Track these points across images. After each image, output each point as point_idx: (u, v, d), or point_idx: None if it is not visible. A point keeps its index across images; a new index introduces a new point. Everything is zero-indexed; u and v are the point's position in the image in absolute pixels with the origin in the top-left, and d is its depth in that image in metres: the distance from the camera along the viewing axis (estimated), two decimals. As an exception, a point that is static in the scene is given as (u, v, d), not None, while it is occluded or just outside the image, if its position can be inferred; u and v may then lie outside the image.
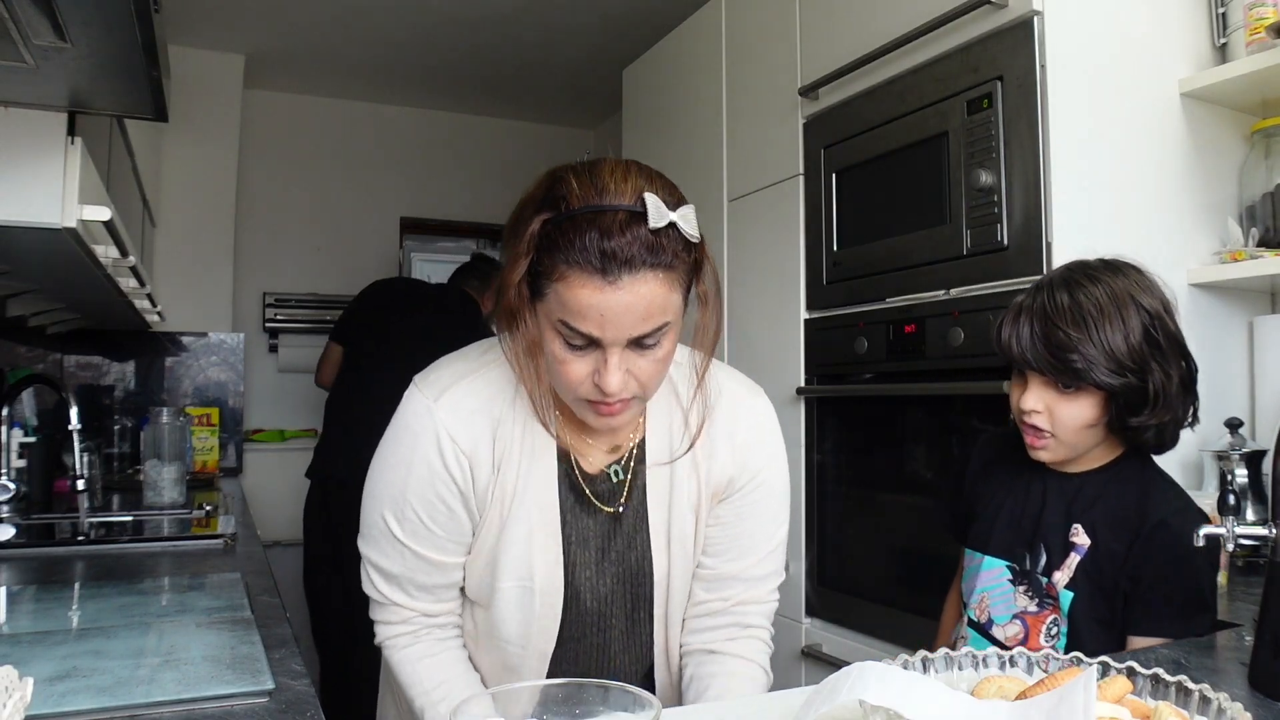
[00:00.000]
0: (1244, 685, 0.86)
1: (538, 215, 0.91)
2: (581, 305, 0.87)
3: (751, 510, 1.11)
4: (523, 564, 1.03)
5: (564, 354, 0.92)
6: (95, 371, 3.39)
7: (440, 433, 1.00)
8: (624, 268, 0.86)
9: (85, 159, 1.29)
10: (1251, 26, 1.60)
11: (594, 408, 0.95)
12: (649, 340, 0.91)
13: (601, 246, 0.86)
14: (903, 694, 0.61)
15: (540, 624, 1.05)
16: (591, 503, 1.06)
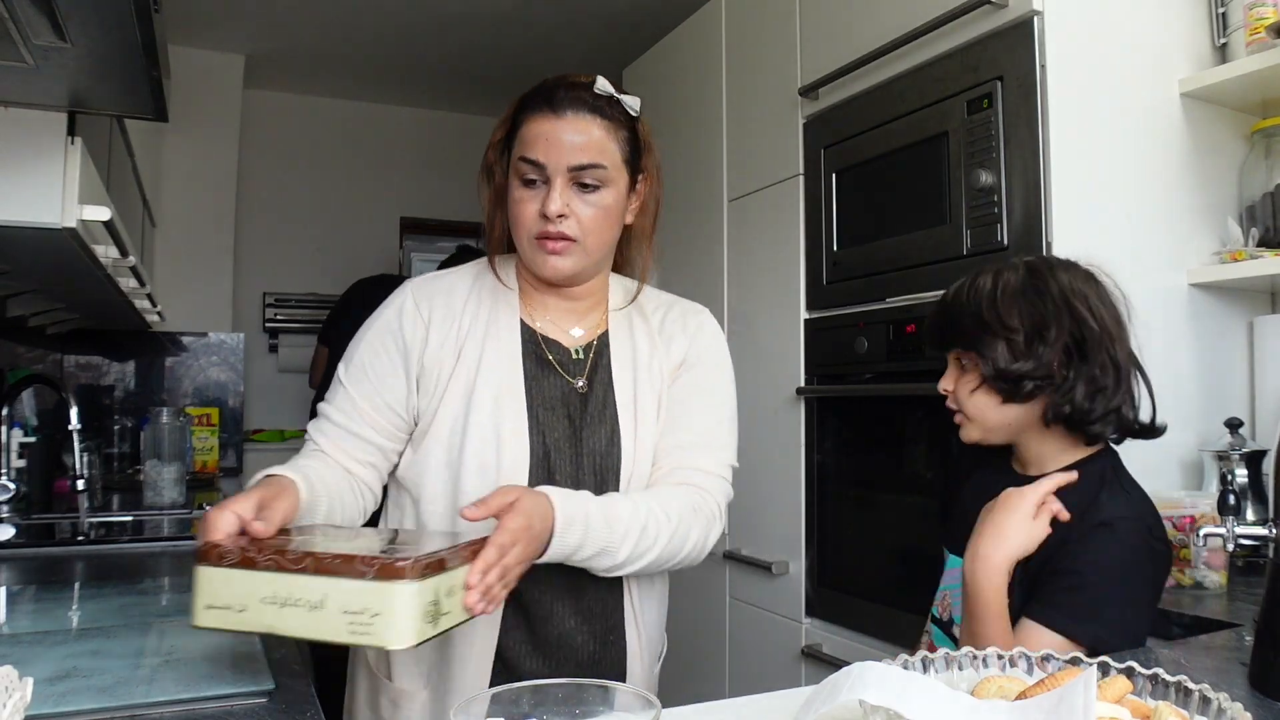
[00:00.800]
0: (1244, 685, 0.86)
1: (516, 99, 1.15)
2: (533, 135, 1.08)
3: (696, 387, 1.20)
4: (489, 425, 1.10)
5: (520, 193, 1.10)
6: (95, 371, 3.39)
7: (405, 297, 1.16)
8: (568, 104, 1.09)
9: (85, 159, 1.29)
10: (1251, 26, 1.61)
11: (541, 245, 1.10)
12: (587, 179, 1.09)
13: (553, 93, 1.10)
14: (903, 694, 0.61)
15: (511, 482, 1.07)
16: (555, 368, 1.16)
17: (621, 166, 1.12)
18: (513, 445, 1.10)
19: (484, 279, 1.20)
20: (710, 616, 2.36)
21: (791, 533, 2.07)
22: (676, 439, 1.18)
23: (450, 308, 1.16)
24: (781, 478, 2.11)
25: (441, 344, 1.13)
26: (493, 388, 1.12)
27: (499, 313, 1.17)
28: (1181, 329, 1.64)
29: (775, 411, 2.15)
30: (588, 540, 1.01)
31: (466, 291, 1.18)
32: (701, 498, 1.14)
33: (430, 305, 1.15)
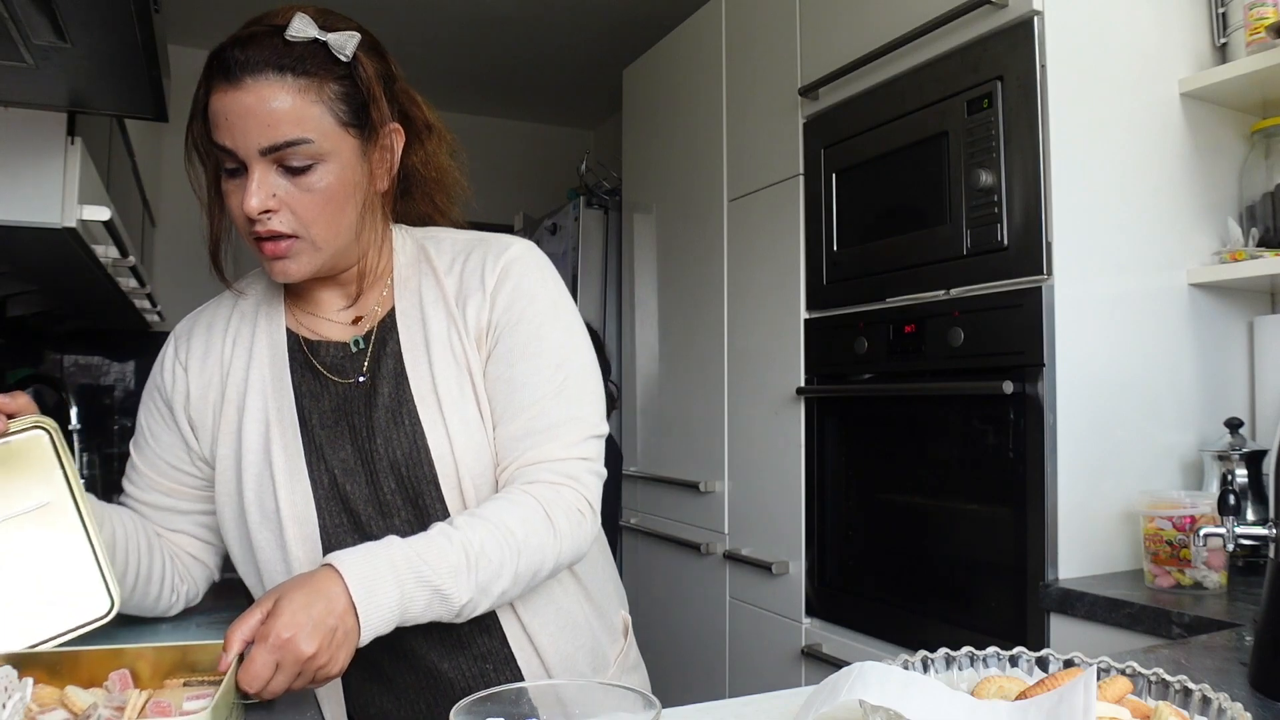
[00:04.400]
0: (1244, 685, 0.86)
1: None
2: (216, 112, 0.86)
3: (521, 353, 0.96)
4: (263, 464, 0.94)
5: (226, 186, 0.90)
6: (95, 371, 3.39)
7: (167, 347, 1.05)
8: (246, 69, 0.85)
9: (85, 159, 1.29)
10: (1251, 26, 1.61)
11: (259, 248, 0.90)
12: (293, 162, 0.87)
13: (230, 54, 0.86)
14: (903, 694, 0.61)
15: (300, 529, 0.93)
16: (327, 374, 0.98)
17: (339, 131, 0.89)
18: (289, 483, 0.93)
19: (246, 295, 1.03)
20: (710, 616, 2.37)
21: (791, 533, 2.07)
22: (508, 430, 0.95)
23: (210, 343, 1.01)
24: (781, 478, 2.11)
25: (205, 386, 1.00)
26: (261, 419, 0.95)
27: (261, 329, 1.00)
28: (1181, 329, 1.64)
29: (775, 411, 2.15)
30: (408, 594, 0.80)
31: (227, 316, 1.03)
32: (554, 494, 0.92)
33: (188, 348, 1.02)
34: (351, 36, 0.90)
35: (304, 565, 0.93)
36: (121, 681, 0.74)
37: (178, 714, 0.71)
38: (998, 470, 1.58)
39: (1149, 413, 1.59)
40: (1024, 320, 1.52)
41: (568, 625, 1.02)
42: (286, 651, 0.74)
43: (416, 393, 0.95)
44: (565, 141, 4.50)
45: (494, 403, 0.96)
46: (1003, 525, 1.56)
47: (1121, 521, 1.52)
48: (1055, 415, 1.48)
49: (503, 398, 0.95)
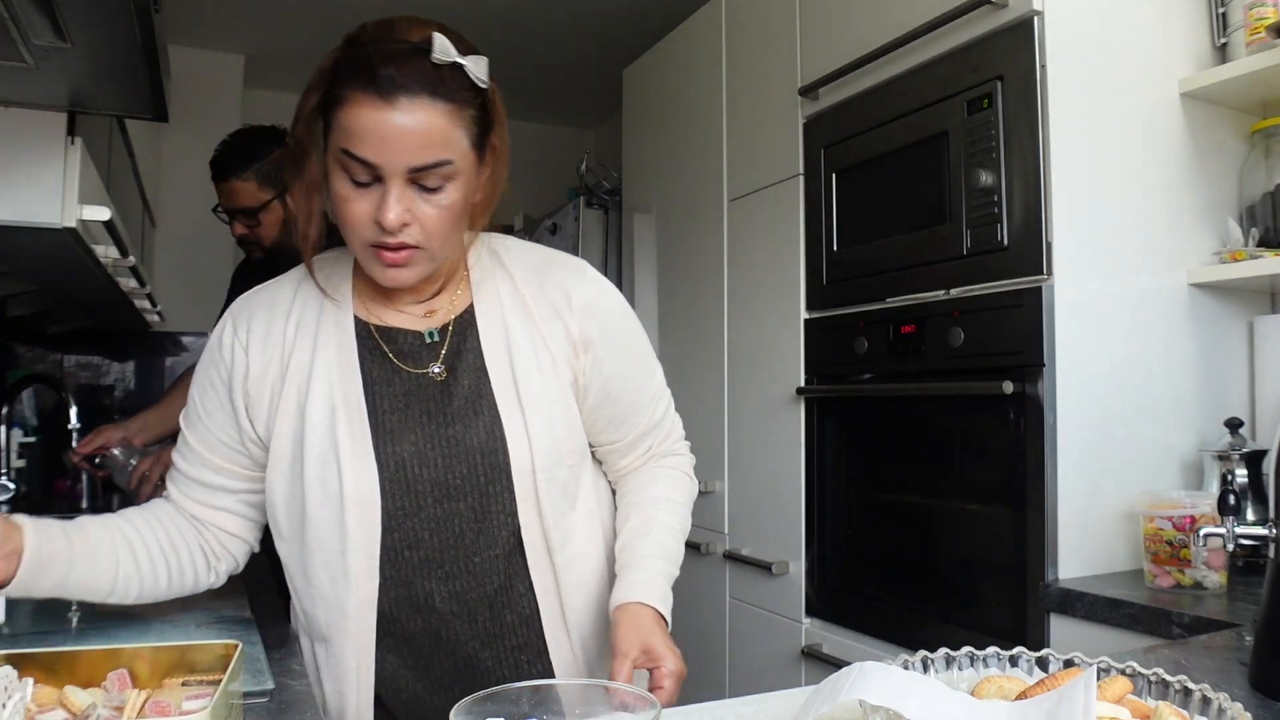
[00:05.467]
0: (1244, 685, 0.86)
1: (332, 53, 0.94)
2: (361, 126, 0.88)
3: (618, 366, 1.07)
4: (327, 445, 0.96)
5: (347, 190, 0.91)
6: (95, 371, 3.39)
7: (225, 325, 1.05)
8: (401, 90, 0.88)
9: (85, 159, 1.29)
10: (1251, 26, 1.60)
11: (378, 255, 0.93)
12: (430, 182, 0.91)
13: (382, 69, 0.88)
14: (903, 694, 0.61)
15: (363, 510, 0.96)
16: (400, 363, 1.01)
17: (471, 152, 0.94)
18: (355, 465, 0.96)
19: (309, 280, 1.05)
20: (710, 616, 2.37)
21: (791, 533, 2.07)
22: (637, 426, 1.10)
23: (271, 323, 1.02)
24: (781, 478, 2.11)
25: (265, 366, 1.01)
26: (326, 402, 0.98)
27: (328, 314, 1.02)
28: (1181, 329, 1.64)
29: (775, 411, 2.15)
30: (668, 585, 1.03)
31: (290, 299, 1.04)
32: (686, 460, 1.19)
33: (249, 326, 1.03)
34: (482, 61, 0.95)
35: (360, 545, 0.96)
36: (120, 681, 0.73)
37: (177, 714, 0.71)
38: (998, 470, 1.58)
39: (1149, 413, 1.59)
40: (1024, 320, 1.52)
41: (602, 620, 1.07)
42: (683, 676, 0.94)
43: (496, 387, 1.00)
44: (565, 141, 4.50)
45: (619, 403, 1.08)
46: (1003, 525, 1.55)
47: (1121, 521, 1.52)
48: (1055, 415, 1.48)
49: (628, 398, 1.09)
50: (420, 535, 0.98)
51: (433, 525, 0.98)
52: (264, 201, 2.11)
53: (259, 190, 2.11)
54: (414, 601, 0.99)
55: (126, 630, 1.09)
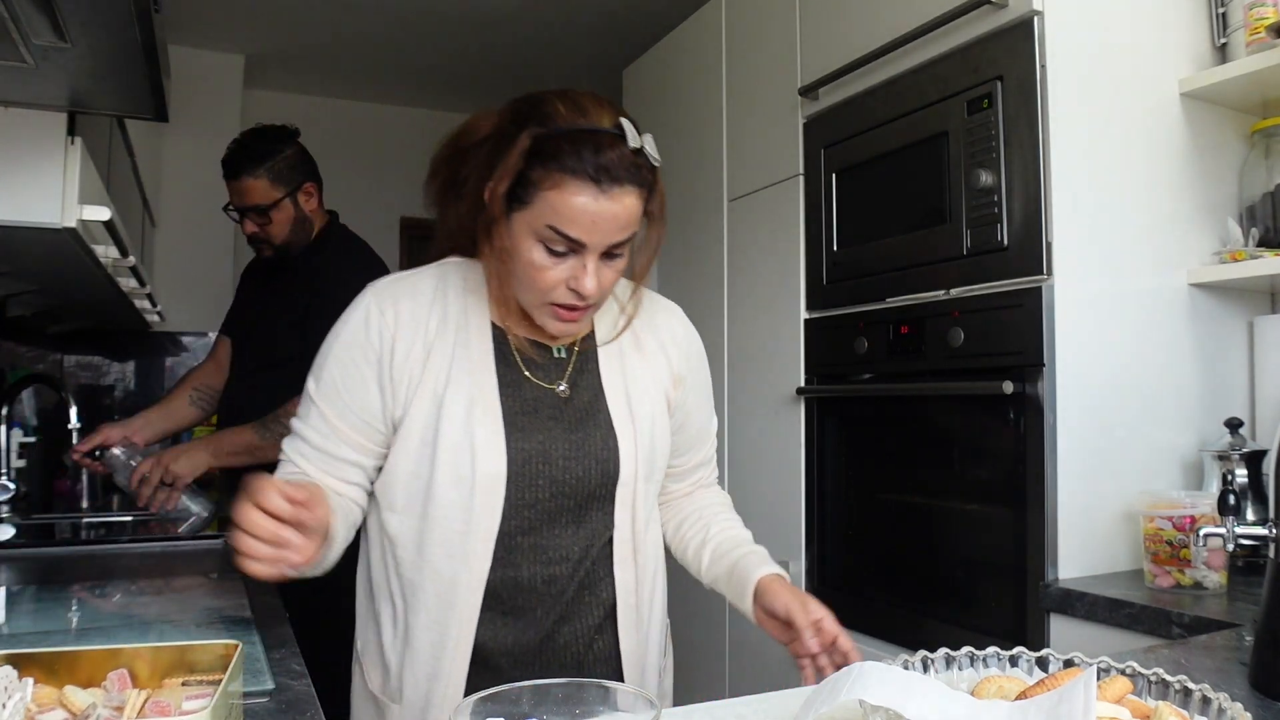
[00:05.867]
0: (1244, 685, 0.86)
1: (523, 131, 0.99)
2: (575, 212, 0.97)
3: (696, 402, 1.23)
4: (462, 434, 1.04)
5: (544, 260, 1.00)
6: (95, 371, 3.39)
7: (370, 305, 1.08)
8: (614, 181, 0.97)
9: (85, 159, 1.29)
10: (1251, 26, 1.60)
11: (557, 312, 1.04)
12: (618, 250, 1.02)
13: (597, 161, 0.96)
14: (903, 694, 0.61)
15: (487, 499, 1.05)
16: (532, 373, 1.10)
17: (643, 219, 1.05)
18: (487, 455, 1.04)
19: (449, 279, 1.12)
20: (710, 616, 2.36)
21: (791, 533, 2.07)
22: (700, 454, 1.27)
23: (415, 312, 1.08)
24: (781, 478, 2.11)
25: (409, 350, 1.07)
26: (465, 395, 1.06)
27: (468, 315, 1.10)
28: (1181, 329, 1.64)
29: (775, 411, 2.15)
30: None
31: (431, 293, 1.10)
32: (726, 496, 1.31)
33: (396, 310, 1.08)
34: (649, 137, 1.02)
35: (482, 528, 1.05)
36: (120, 681, 0.73)
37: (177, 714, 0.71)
38: (998, 470, 1.57)
39: (1149, 413, 1.59)
40: (1024, 320, 1.52)
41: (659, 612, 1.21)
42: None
43: (612, 404, 1.13)
44: (565, 141, 4.50)
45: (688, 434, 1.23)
46: (1003, 525, 1.55)
47: (1121, 521, 1.52)
48: (1055, 415, 1.48)
49: (695, 430, 1.24)
50: (533, 524, 1.08)
51: (544, 517, 1.08)
52: (275, 200, 2.12)
53: (270, 188, 2.13)
54: (516, 582, 1.08)
55: (126, 630, 1.09)
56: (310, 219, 2.18)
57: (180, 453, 1.98)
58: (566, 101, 1.01)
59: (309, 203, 2.17)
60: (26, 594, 1.35)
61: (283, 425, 1.95)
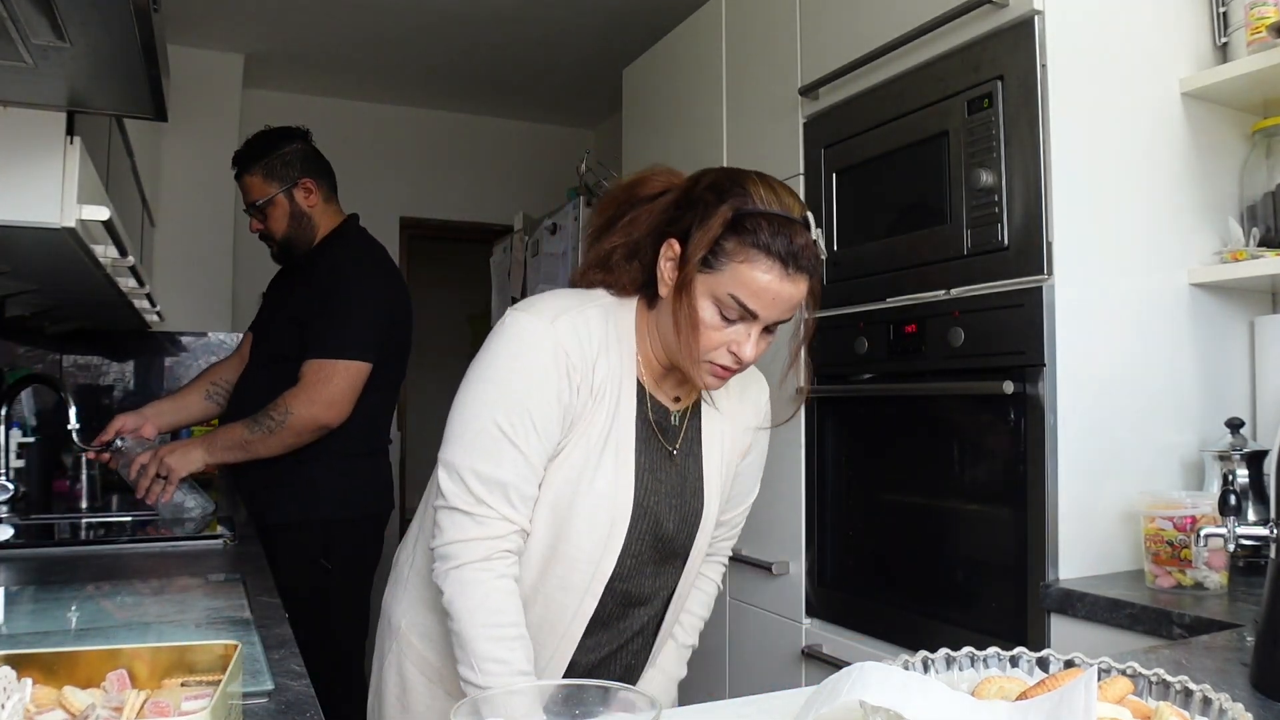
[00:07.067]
0: (1245, 686, 0.86)
1: (723, 203, 1.07)
2: (760, 288, 1.06)
3: (750, 471, 1.32)
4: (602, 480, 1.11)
5: (714, 321, 1.09)
6: (94, 371, 3.39)
7: (558, 346, 1.09)
8: (799, 268, 1.08)
9: (84, 159, 1.29)
10: (1252, 26, 1.60)
11: (713, 369, 1.12)
12: (777, 325, 1.12)
13: (791, 247, 1.06)
14: (903, 694, 0.61)
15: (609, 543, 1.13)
16: (658, 438, 1.18)
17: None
18: (622, 504, 1.13)
19: (610, 322, 1.16)
20: (710, 617, 2.36)
21: (791, 533, 2.07)
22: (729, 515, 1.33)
23: (585, 352, 1.12)
24: (781, 478, 2.11)
25: (581, 389, 1.11)
26: (614, 445, 1.13)
27: (624, 367, 1.15)
28: (1182, 329, 1.64)
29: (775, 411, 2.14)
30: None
31: (601, 336, 1.14)
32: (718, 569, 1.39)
33: (580, 351, 1.11)
34: (820, 235, 1.12)
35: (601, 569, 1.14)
36: (119, 682, 0.73)
37: (176, 714, 0.70)
38: (998, 470, 1.57)
39: (1149, 413, 1.59)
40: (1024, 320, 1.52)
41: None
42: None
43: (706, 469, 1.22)
44: (565, 141, 4.50)
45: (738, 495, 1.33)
46: (1003, 525, 1.55)
47: (1122, 522, 1.52)
48: (1055, 415, 1.48)
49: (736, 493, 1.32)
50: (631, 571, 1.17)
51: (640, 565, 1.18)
52: (269, 195, 2.15)
53: (264, 184, 2.16)
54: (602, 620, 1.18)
55: (126, 631, 1.08)
56: (310, 215, 2.19)
57: (176, 448, 1.99)
58: (765, 186, 1.09)
59: (308, 199, 2.18)
60: (25, 594, 1.35)
61: (272, 420, 1.98)
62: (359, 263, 2.13)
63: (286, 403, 1.97)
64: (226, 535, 1.78)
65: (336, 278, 2.08)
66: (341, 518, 2.12)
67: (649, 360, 1.18)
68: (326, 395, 1.97)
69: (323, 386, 1.97)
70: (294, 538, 2.07)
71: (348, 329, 2.02)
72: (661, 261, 1.11)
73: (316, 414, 1.97)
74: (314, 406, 1.97)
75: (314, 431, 1.99)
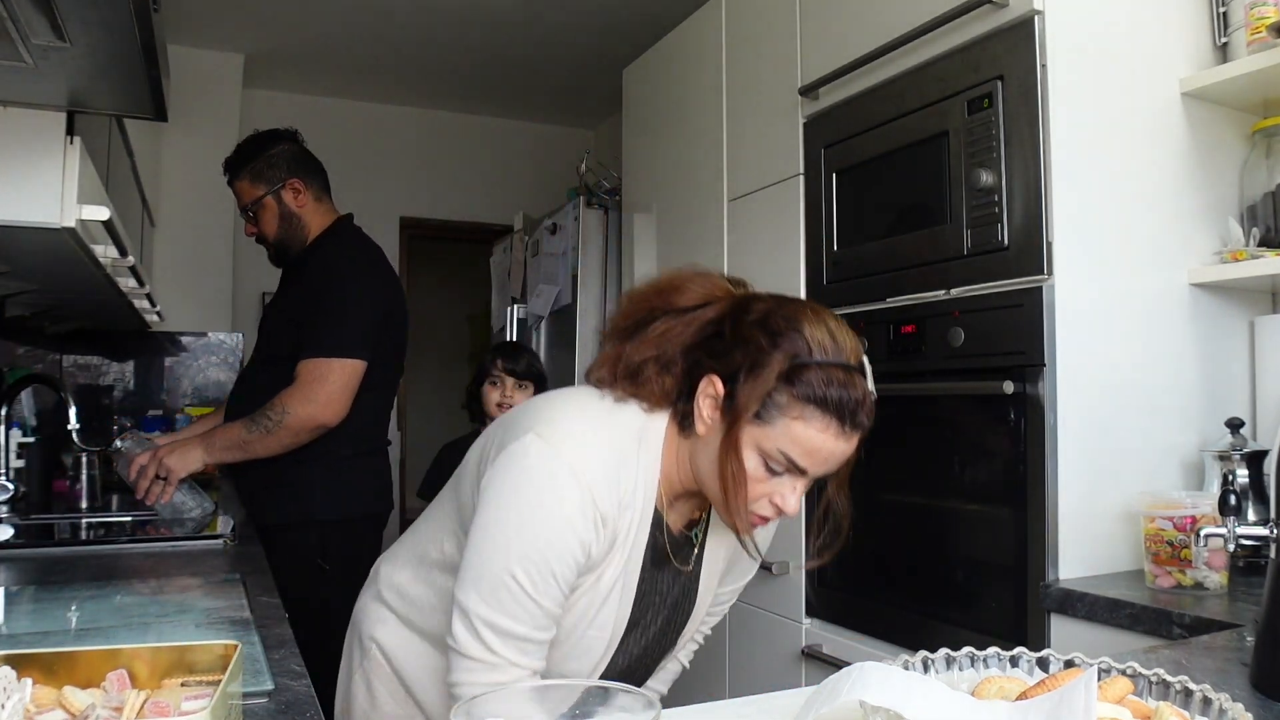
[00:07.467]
0: (1245, 686, 0.86)
1: (776, 349, 0.99)
2: (813, 446, 0.99)
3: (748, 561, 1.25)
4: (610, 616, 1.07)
5: (759, 473, 1.01)
6: (94, 371, 3.39)
7: (588, 497, 1.00)
8: (856, 426, 1.01)
9: (84, 159, 1.29)
10: (1252, 26, 1.60)
11: (751, 518, 1.04)
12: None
13: (849, 403, 0.99)
14: (903, 694, 0.61)
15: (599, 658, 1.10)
16: (670, 561, 1.13)
17: None
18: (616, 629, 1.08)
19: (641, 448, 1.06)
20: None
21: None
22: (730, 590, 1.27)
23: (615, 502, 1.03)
24: (781, 478, 2.11)
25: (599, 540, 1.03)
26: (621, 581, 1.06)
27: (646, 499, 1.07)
28: (1182, 329, 1.64)
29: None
30: None
31: (632, 479, 1.04)
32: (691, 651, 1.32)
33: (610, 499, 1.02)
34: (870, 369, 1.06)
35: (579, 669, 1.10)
36: (119, 682, 0.73)
37: (176, 714, 0.70)
38: (998, 470, 1.57)
39: (1149, 413, 1.59)
40: (1024, 320, 1.52)
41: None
42: None
43: (703, 582, 1.17)
44: (565, 141, 4.50)
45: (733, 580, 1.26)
46: (1003, 525, 1.55)
47: (1122, 522, 1.52)
48: (1055, 415, 1.48)
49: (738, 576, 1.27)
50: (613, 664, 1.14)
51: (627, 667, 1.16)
52: (256, 197, 2.16)
53: (251, 187, 2.17)
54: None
55: (126, 631, 1.08)
56: (299, 216, 2.18)
57: (175, 448, 1.99)
58: (820, 325, 1.01)
59: (296, 200, 2.18)
60: (25, 594, 1.35)
61: (269, 420, 1.98)
62: (352, 261, 2.13)
63: (283, 402, 1.97)
64: (226, 535, 1.78)
65: (329, 277, 2.08)
66: (340, 518, 2.11)
67: (670, 480, 1.09)
68: (323, 394, 1.97)
69: (319, 385, 1.97)
70: (292, 538, 2.07)
71: (342, 327, 2.01)
72: (700, 398, 1.02)
73: (314, 413, 1.97)
74: (311, 406, 1.97)
75: (312, 431, 1.99)
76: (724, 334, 1.03)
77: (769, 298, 1.06)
